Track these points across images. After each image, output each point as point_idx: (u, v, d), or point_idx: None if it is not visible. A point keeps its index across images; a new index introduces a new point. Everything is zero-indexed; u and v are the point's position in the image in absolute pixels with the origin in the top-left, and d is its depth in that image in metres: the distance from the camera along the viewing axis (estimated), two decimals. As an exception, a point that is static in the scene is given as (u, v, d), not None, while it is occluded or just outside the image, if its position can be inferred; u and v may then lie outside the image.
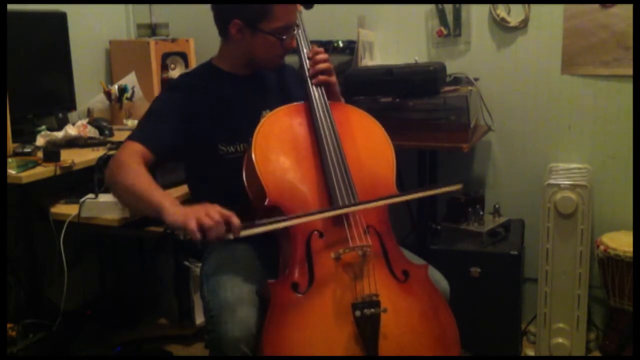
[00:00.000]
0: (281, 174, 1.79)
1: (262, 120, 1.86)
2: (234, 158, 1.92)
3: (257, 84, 2.04)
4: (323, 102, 1.93)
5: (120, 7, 3.40)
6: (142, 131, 1.90)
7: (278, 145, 1.84)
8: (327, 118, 1.89)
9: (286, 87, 2.09)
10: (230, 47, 1.99)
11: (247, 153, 1.83)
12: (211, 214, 1.59)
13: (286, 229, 1.74)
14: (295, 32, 1.99)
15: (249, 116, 1.95)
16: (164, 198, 1.67)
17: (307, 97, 1.94)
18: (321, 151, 1.83)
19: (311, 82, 1.95)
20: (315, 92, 1.94)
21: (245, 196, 1.81)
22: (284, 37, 1.92)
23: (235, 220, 1.61)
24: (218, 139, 1.94)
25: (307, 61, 1.99)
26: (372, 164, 1.90)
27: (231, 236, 1.62)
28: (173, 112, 1.92)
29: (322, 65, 1.97)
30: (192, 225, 1.57)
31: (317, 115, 1.89)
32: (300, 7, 2.10)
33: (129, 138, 1.89)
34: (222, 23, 1.95)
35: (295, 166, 1.82)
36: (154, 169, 2.43)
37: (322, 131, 1.86)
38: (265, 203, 1.74)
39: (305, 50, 2.01)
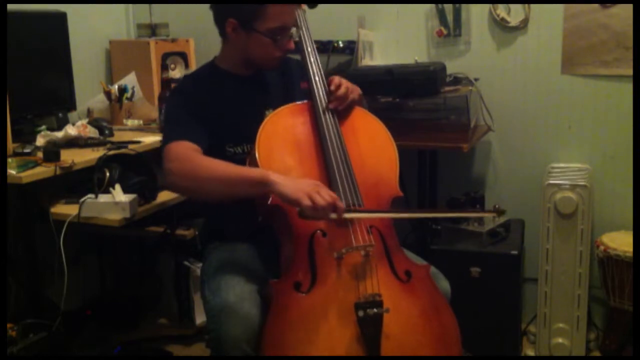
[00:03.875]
0: (284, 173, 1.78)
1: (265, 120, 1.86)
2: (241, 159, 1.91)
3: (259, 83, 2.04)
4: (327, 101, 1.93)
5: (120, 7, 3.40)
6: (181, 131, 1.87)
7: (281, 145, 1.85)
8: (331, 117, 1.90)
9: (290, 85, 2.09)
10: (229, 47, 2.00)
11: (251, 152, 1.83)
12: (322, 194, 1.65)
13: (290, 228, 1.74)
14: (298, 32, 1.98)
15: (253, 117, 1.94)
16: (265, 171, 1.72)
17: (310, 96, 1.94)
18: (324, 150, 1.84)
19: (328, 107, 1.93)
20: (319, 92, 1.94)
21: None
22: (278, 37, 1.91)
23: (341, 204, 1.68)
24: (225, 140, 1.94)
25: (311, 61, 1.99)
26: (375, 164, 1.90)
27: (334, 216, 1.68)
28: (190, 114, 1.91)
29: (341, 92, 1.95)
30: (307, 202, 1.63)
31: (321, 114, 1.89)
32: (304, 6, 2.10)
33: (171, 140, 1.84)
34: (219, 22, 1.96)
35: (298, 165, 1.82)
36: (154, 169, 2.45)
37: (325, 130, 1.86)
38: (269, 202, 1.74)
39: (309, 50, 2.00)
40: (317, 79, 1.96)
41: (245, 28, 1.91)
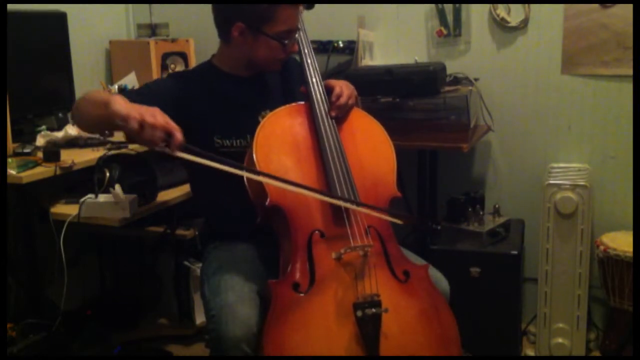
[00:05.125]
0: (283, 174, 1.78)
1: (264, 120, 1.86)
2: (230, 152, 1.91)
3: (258, 85, 2.04)
4: (324, 102, 1.93)
5: (120, 7, 3.40)
6: (133, 95, 1.87)
7: (279, 145, 1.84)
8: (329, 119, 1.89)
9: (289, 86, 2.08)
10: (231, 50, 1.98)
11: (249, 153, 1.83)
12: (157, 116, 1.58)
13: (288, 228, 1.74)
14: (297, 34, 1.98)
15: (248, 114, 1.95)
16: (117, 95, 1.67)
17: (308, 98, 1.94)
18: (322, 151, 1.83)
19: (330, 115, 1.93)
20: (317, 93, 1.93)
21: (244, 192, 1.81)
22: (286, 41, 1.91)
23: (179, 135, 1.59)
24: (214, 131, 1.93)
25: (308, 63, 1.99)
26: (373, 165, 1.90)
27: (167, 150, 1.59)
28: (166, 97, 1.89)
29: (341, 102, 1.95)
30: (134, 114, 1.55)
31: (319, 115, 1.89)
32: (301, 7, 2.10)
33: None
34: (223, 25, 1.94)
35: (297, 166, 1.82)
36: (154, 169, 2.45)
37: (323, 131, 1.86)
38: (267, 203, 1.74)
39: (305, 51, 2.00)
40: (314, 81, 1.95)
41: (253, 31, 1.89)
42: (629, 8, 2.63)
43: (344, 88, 1.97)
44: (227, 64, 2.02)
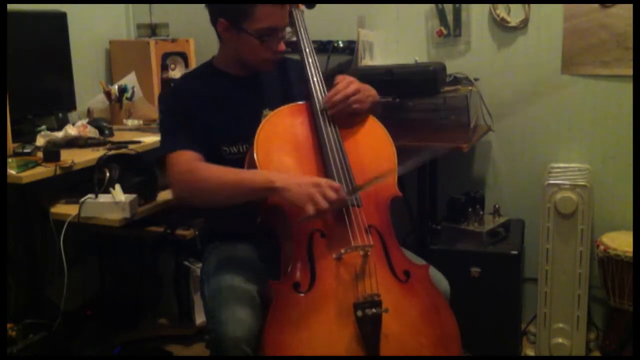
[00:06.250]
0: (283, 173, 1.78)
1: (264, 120, 1.86)
2: (237, 159, 1.91)
3: (255, 84, 2.03)
4: (324, 103, 1.92)
5: (120, 7, 3.40)
6: (178, 140, 1.88)
7: (280, 145, 1.84)
8: (329, 118, 1.89)
9: (288, 85, 2.08)
10: (225, 47, 2.00)
11: (249, 152, 1.83)
12: (327, 194, 1.66)
13: (289, 229, 1.74)
14: (293, 32, 1.98)
15: (250, 117, 1.95)
16: (267, 175, 1.74)
17: (308, 96, 1.94)
18: (323, 150, 1.83)
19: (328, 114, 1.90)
20: (317, 93, 1.93)
21: None
22: (266, 38, 1.88)
23: (343, 194, 1.70)
24: (221, 140, 1.94)
25: (309, 62, 1.99)
26: (373, 164, 1.90)
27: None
28: (185, 118, 1.92)
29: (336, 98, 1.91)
30: (310, 210, 1.65)
31: (319, 115, 1.89)
32: (302, 7, 2.10)
33: (172, 149, 1.86)
34: (213, 23, 1.96)
35: (298, 165, 1.82)
36: (154, 169, 2.45)
37: (323, 131, 1.85)
38: (268, 202, 1.74)
39: (307, 50, 2.00)
40: (315, 79, 1.95)
41: (235, 28, 1.89)
42: (629, 8, 2.63)
43: (349, 86, 1.90)
44: (223, 62, 2.03)
